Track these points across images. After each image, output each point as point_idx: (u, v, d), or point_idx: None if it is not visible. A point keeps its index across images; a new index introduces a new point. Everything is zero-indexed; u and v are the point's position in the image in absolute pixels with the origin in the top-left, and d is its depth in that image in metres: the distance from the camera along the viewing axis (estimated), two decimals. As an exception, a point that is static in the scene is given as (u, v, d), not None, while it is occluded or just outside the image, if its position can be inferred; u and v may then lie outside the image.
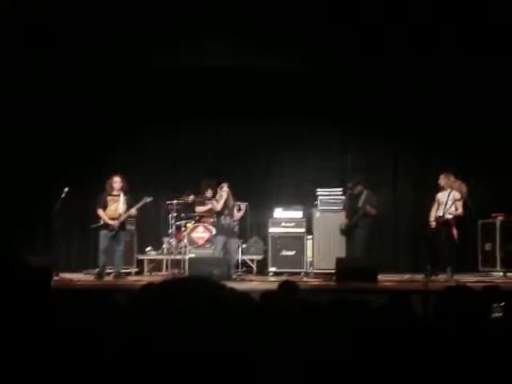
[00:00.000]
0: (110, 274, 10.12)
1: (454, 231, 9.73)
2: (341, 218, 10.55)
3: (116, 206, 10.06)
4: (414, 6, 9.45)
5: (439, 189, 10.04)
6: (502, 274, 10.61)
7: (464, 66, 10.72)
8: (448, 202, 9.78)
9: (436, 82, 11.40)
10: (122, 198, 10.08)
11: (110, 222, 9.94)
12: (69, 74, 11.09)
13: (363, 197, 10.35)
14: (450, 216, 9.74)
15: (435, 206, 10.01)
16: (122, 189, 10.10)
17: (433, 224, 9.91)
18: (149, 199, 10.16)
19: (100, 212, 10.02)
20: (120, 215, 10.03)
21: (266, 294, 3.70)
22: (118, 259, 10.11)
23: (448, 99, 11.64)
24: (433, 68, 10.92)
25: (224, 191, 10.20)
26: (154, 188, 12.21)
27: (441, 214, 9.82)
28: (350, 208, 10.45)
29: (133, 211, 10.10)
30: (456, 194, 9.81)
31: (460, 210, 9.79)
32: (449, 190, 9.84)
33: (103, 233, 9.99)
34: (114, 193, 10.09)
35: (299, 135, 12.20)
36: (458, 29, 9.75)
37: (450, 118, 11.75)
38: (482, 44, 10.08)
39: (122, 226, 10.14)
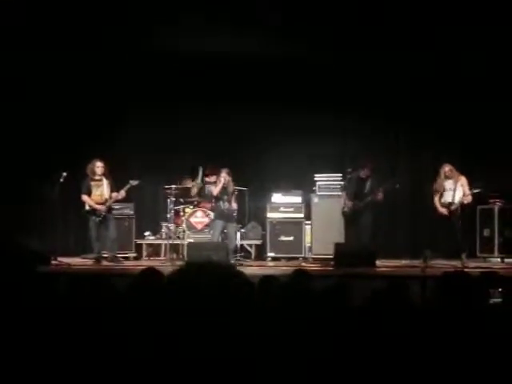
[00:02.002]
0: (106, 258, 10.13)
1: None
2: (340, 202, 10.49)
3: (101, 191, 10.05)
4: None
5: (444, 177, 9.90)
6: (499, 259, 10.64)
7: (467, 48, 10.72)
8: (457, 188, 9.72)
9: (435, 66, 11.36)
10: (105, 182, 10.07)
11: (98, 206, 9.94)
12: (67, 58, 11.08)
13: (369, 183, 10.30)
14: (464, 201, 9.69)
15: (438, 194, 9.93)
16: (103, 173, 10.09)
17: (443, 211, 9.79)
18: (134, 182, 10.17)
19: (85, 198, 10.01)
20: (106, 200, 10.03)
21: (265, 279, 3.70)
22: (111, 244, 10.12)
23: (448, 84, 11.61)
24: (431, 53, 10.91)
25: (222, 177, 10.20)
26: (152, 173, 12.22)
27: (450, 201, 9.74)
28: (356, 191, 10.39)
29: (120, 195, 10.10)
30: (464, 181, 9.78)
31: (470, 197, 9.75)
32: (455, 178, 9.79)
33: (92, 220, 9.99)
34: (96, 177, 10.06)
35: (298, 120, 12.13)
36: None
37: (448, 104, 11.72)
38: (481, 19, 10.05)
39: (109, 210, 10.14)
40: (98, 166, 10.02)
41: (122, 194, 10.09)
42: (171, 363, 1.12)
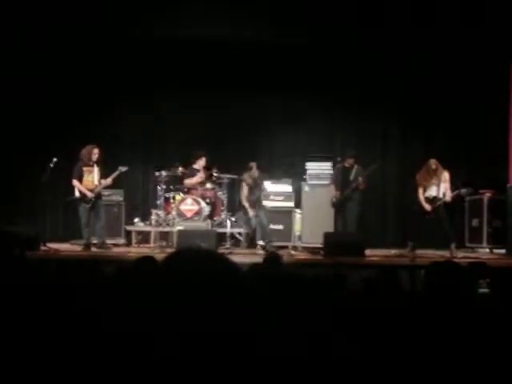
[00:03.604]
0: (95, 244, 10.10)
1: None
2: (330, 192, 10.54)
3: (92, 177, 9.98)
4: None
5: (429, 172, 9.87)
6: (488, 250, 10.69)
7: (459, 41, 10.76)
8: (441, 183, 9.71)
9: (429, 60, 11.42)
10: (95, 168, 10.02)
11: (88, 193, 9.88)
12: (55, 47, 11.05)
13: (354, 171, 10.36)
14: (446, 199, 9.68)
15: (422, 188, 9.87)
16: (97, 160, 10.05)
17: (427, 207, 9.73)
18: (124, 169, 10.13)
19: (76, 182, 9.94)
20: (96, 186, 9.98)
21: (254, 267, 3.69)
22: (100, 230, 10.09)
23: (439, 74, 11.65)
24: (426, 44, 10.94)
25: (254, 172, 10.45)
26: (142, 159, 12.20)
27: (435, 195, 9.70)
28: (341, 181, 10.44)
29: (108, 181, 10.06)
30: (447, 176, 9.77)
31: (449, 196, 9.72)
32: (439, 174, 9.76)
33: (82, 206, 9.94)
34: (90, 163, 10.00)
35: (288, 109, 12.15)
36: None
37: (435, 94, 11.78)
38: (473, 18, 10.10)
39: (99, 196, 10.10)
40: (95, 153, 9.97)
41: (109, 181, 10.06)
42: (160, 350, 1.11)
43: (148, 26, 10.76)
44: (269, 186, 11.41)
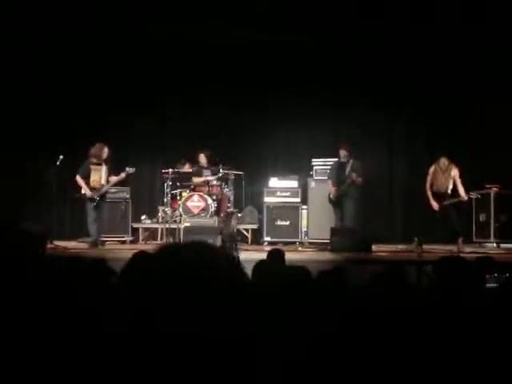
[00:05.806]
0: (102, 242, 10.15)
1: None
2: (328, 187, 10.50)
3: (99, 176, 9.98)
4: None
5: (439, 170, 9.81)
6: (495, 244, 10.67)
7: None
8: (450, 180, 9.71)
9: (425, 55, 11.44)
10: (103, 167, 10.02)
11: (89, 191, 9.88)
12: (67, 44, 11.11)
13: (349, 165, 10.30)
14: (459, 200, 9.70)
15: (430, 184, 9.86)
16: (106, 159, 10.05)
17: (434, 204, 9.72)
18: (131, 170, 10.13)
19: (79, 179, 9.94)
20: (103, 185, 9.99)
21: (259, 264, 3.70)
22: (101, 229, 10.12)
23: (443, 71, 11.65)
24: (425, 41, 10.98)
25: None
26: (149, 157, 12.22)
27: (443, 191, 9.69)
28: (337, 177, 10.40)
29: (119, 177, 10.05)
30: (456, 172, 9.75)
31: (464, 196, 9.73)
32: (449, 170, 9.76)
33: (88, 204, 9.96)
34: (99, 162, 10.01)
35: (294, 105, 12.13)
36: None
37: (439, 90, 11.76)
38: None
39: (103, 195, 10.11)
40: (105, 152, 9.99)
41: (122, 175, 10.06)
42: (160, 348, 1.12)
43: (151, 27, 10.85)
44: (275, 181, 11.42)
